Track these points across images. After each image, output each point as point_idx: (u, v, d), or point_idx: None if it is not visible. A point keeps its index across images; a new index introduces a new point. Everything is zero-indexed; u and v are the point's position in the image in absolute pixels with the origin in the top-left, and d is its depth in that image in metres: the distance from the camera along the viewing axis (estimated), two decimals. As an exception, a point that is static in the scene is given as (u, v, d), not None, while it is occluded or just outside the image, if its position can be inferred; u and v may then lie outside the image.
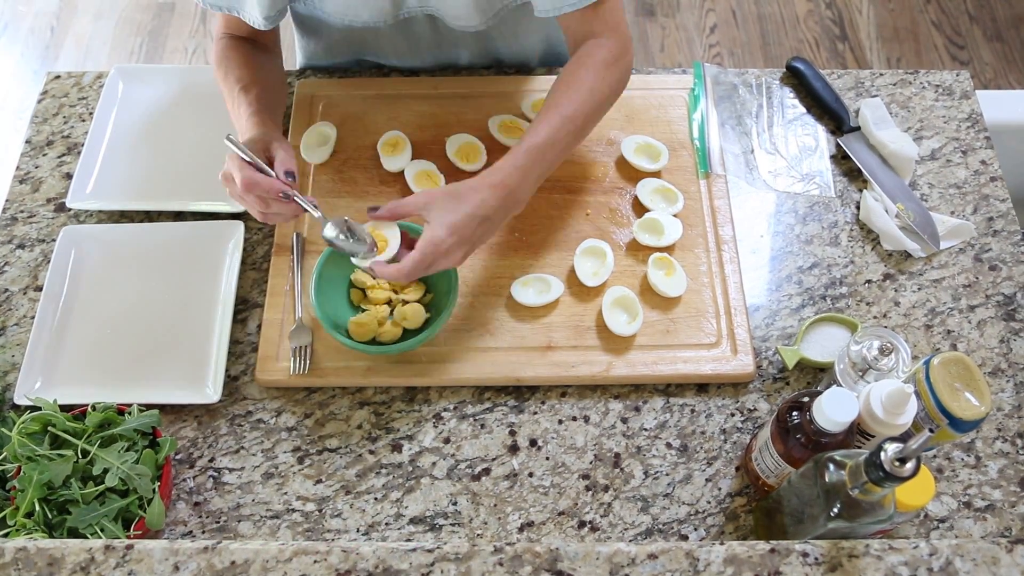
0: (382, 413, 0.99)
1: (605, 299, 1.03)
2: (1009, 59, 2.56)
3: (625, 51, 1.01)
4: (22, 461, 0.87)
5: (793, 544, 0.72)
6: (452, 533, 0.92)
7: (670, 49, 2.58)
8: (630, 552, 0.72)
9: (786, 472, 0.85)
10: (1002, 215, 1.13)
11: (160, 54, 2.59)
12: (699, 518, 0.93)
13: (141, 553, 0.71)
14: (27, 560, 0.71)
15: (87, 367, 1.01)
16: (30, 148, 1.20)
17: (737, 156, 1.18)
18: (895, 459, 0.66)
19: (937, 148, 1.19)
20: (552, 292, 1.03)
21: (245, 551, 0.71)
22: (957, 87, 1.25)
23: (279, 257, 1.07)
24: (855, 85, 1.25)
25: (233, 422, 0.98)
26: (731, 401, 1.00)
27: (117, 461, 0.87)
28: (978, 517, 0.92)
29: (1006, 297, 1.07)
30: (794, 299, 1.07)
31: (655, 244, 1.07)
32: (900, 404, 0.79)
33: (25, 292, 1.08)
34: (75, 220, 1.13)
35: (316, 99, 1.21)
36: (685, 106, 1.21)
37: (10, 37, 2.63)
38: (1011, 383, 1.01)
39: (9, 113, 2.47)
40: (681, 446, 0.97)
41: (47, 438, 0.89)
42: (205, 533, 0.92)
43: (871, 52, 2.57)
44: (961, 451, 0.96)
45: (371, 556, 0.71)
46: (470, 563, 0.71)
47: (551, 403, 0.99)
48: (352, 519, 0.92)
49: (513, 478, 0.95)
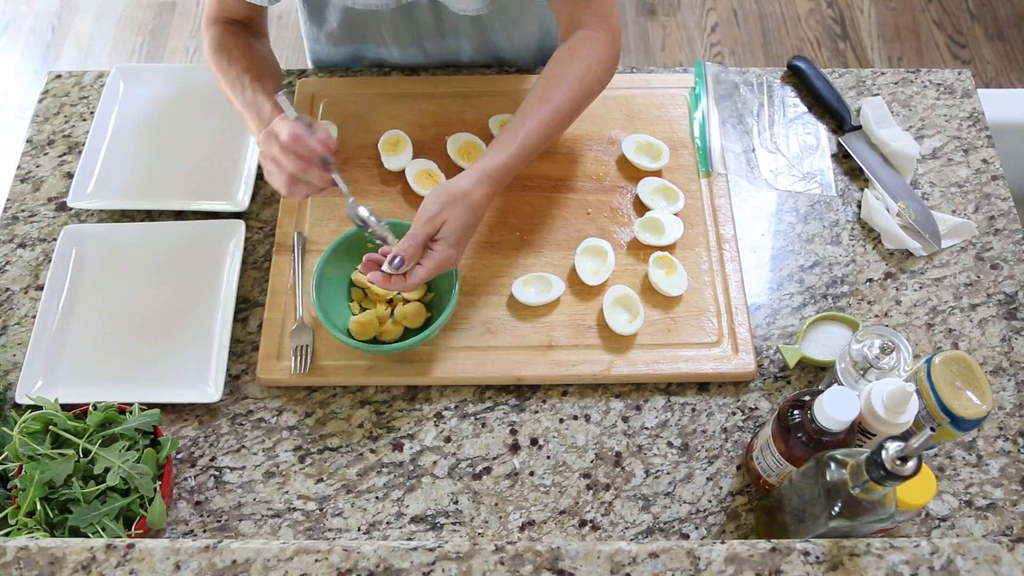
0: (383, 412, 0.99)
1: (606, 298, 1.03)
2: (1011, 58, 2.56)
3: (615, 46, 1.02)
4: (23, 460, 0.87)
5: (794, 543, 0.72)
6: (453, 532, 0.92)
7: (671, 48, 2.58)
8: (631, 551, 0.72)
9: (787, 471, 0.85)
10: (1003, 214, 1.13)
11: (161, 53, 2.59)
12: (700, 517, 0.93)
13: (142, 552, 0.71)
14: (28, 559, 0.71)
15: (88, 366, 1.01)
16: (31, 147, 1.20)
17: (738, 155, 1.18)
18: (896, 458, 0.66)
19: (938, 147, 1.19)
20: (553, 291, 1.03)
21: (246, 550, 0.71)
22: (958, 86, 1.25)
23: (280, 256, 1.07)
24: (856, 84, 1.25)
25: (234, 421, 0.98)
26: (732, 400, 1.00)
27: (118, 460, 0.87)
28: (979, 516, 0.92)
29: (1007, 296, 1.07)
30: (795, 298, 1.07)
31: (656, 243, 1.07)
32: (901, 403, 0.79)
33: (26, 291, 1.08)
34: (76, 219, 1.13)
35: (317, 98, 1.21)
36: (686, 105, 1.21)
37: (11, 36, 2.63)
38: (1012, 382, 1.01)
39: (10, 112, 2.47)
40: (682, 445, 0.97)
41: (48, 437, 0.89)
42: (206, 532, 0.92)
43: (872, 51, 2.57)
44: (962, 450, 0.96)
45: (372, 555, 0.71)
46: (471, 562, 0.71)
47: (552, 402, 0.99)
48: (353, 518, 0.92)
49: (514, 477, 0.95)
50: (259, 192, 1.14)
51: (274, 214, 1.12)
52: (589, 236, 1.08)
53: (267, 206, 1.13)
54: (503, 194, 1.10)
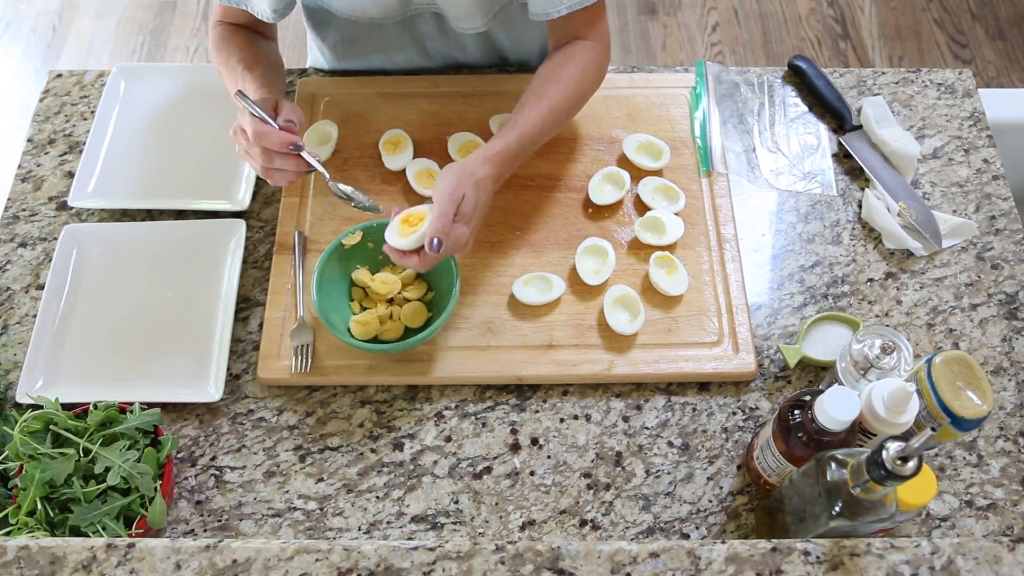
0: (384, 412, 0.99)
1: (607, 298, 1.03)
2: (1011, 57, 2.55)
3: (606, 53, 1.08)
4: (24, 460, 0.87)
5: (795, 543, 0.72)
6: (454, 532, 0.92)
7: (672, 47, 2.58)
8: (631, 551, 0.72)
9: (788, 471, 0.85)
10: (1004, 213, 1.13)
11: (162, 53, 2.59)
12: (700, 517, 0.93)
13: (143, 552, 0.71)
14: (29, 558, 0.71)
15: (89, 365, 1.01)
16: (32, 147, 1.20)
17: (739, 155, 1.18)
18: (897, 458, 0.66)
19: (939, 146, 1.19)
20: (554, 291, 1.03)
21: (247, 550, 0.71)
22: (959, 85, 1.25)
23: (280, 256, 1.07)
24: (857, 83, 1.25)
25: (235, 421, 0.98)
26: (733, 400, 1.00)
27: (119, 460, 0.87)
28: (980, 516, 0.92)
29: (1008, 296, 1.07)
30: (796, 298, 1.07)
31: (657, 243, 1.07)
32: (902, 403, 0.79)
33: (27, 291, 1.08)
34: (77, 218, 1.13)
35: (318, 97, 1.21)
36: (687, 104, 1.21)
37: (12, 36, 2.63)
38: (1013, 382, 1.01)
39: (11, 112, 2.47)
40: (683, 445, 0.97)
41: (49, 437, 0.89)
42: (207, 532, 0.92)
43: (873, 50, 2.56)
44: (963, 450, 0.96)
45: (372, 555, 0.71)
46: (471, 562, 0.71)
47: (553, 402, 0.99)
48: (354, 518, 0.92)
49: (514, 477, 0.95)
50: (260, 191, 1.14)
51: (275, 213, 1.12)
52: (590, 236, 1.08)
53: (268, 205, 1.13)
54: (504, 193, 1.10)
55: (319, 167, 0.96)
